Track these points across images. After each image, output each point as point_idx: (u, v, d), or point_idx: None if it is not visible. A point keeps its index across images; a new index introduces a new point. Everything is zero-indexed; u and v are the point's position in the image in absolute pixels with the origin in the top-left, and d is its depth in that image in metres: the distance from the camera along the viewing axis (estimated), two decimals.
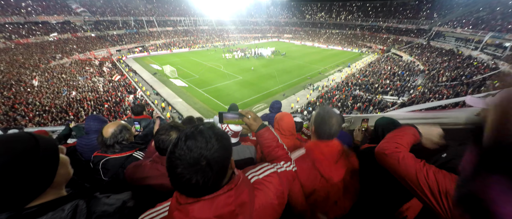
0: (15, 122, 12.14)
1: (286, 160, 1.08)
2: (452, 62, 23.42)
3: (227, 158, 0.68)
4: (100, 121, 2.18)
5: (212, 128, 0.68)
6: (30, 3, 34.12)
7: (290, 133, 1.71)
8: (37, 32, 31.44)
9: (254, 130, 1.14)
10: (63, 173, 0.69)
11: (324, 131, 1.20)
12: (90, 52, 32.68)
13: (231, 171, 0.74)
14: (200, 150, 0.61)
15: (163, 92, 20.85)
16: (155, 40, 45.36)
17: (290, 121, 1.70)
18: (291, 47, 48.93)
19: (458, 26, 32.26)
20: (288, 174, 1.01)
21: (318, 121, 1.23)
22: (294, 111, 17.32)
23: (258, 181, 0.87)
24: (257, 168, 0.94)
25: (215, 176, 0.63)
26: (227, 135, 0.72)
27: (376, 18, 53.18)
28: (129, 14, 46.26)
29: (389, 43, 43.14)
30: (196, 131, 0.65)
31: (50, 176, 0.64)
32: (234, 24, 64.06)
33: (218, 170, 0.64)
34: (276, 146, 1.13)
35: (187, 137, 0.63)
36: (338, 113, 1.25)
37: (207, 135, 0.64)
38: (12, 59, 23.34)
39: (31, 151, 0.59)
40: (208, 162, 0.61)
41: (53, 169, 0.64)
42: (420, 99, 15.84)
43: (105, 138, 1.51)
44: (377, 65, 30.47)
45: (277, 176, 0.92)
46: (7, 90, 16.40)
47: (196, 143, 0.62)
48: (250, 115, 1.13)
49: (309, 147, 1.29)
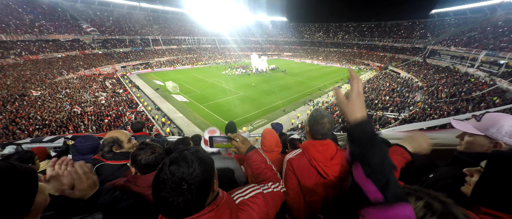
0: (14, 135, 12.07)
1: (274, 181, 1.12)
2: (449, 79, 23.79)
3: (209, 181, 0.72)
4: (92, 140, 2.12)
5: (195, 152, 0.73)
6: (43, 23, 36.11)
7: (271, 149, 1.83)
8: (47, 49, 32.78)
9: (243, 152, 1.20)
10: (39, 201, 0.69)
11: (317, 131, 1.27)
12: (96, 68, 33.71)
13: (215, 193, 0.78)
14: (182, 175, 0.66)
15: (164, 108, 20.99)
16: (160, 57, 47.02)
17: (272, 137, 1.82)
18: (291, 64, 50.34)
19: (452, 45, 33.40)
20: (274, 195, 1.04)
21: (311, 121, 1.30)
22: (294, 127, 17.21)
23: (243, 202, 0.90)
24: (243, 189, 0.98)
25: (196, 199, 0.67)
26: (210, 159, 0.76)
27: (371, 37, 55.48)
28: (136, 33, 48.60)
29: (386, 60, 44.38)
30: (180, 156, 0.70)
31: (26, 207, 0.63)
32: (236, 43, 66.84)
33: (199, 192, 0.68)
34: (264, 168, 1.17)
35: (171, 162, 0.68)
36: (330, 114, 1.32)
37: (189, 160, 0.69)
38: (20, 75, 24.01)
39: (7, 183, 0.59)
40: (189, 185, 0.65)
41: (30, 200, 0.64)
42: (421, 115, 15.78)
43: (103, 144, 1.65)
44: (375, 82, 30.97)
45: (262, 197, 0.95)
46: (10, 105, 16.58)
47: (179, 168, 0.67)
48: (238, 138, 1.20)
49: (305, 146, 1.34)
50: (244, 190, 0.97)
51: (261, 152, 1.24)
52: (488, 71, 22.53)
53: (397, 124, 15.31)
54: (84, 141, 2.06)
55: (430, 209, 0.55)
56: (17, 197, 0.59)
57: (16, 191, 0.59)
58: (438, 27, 44.24)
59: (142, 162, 1.16)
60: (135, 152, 1.20)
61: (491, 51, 25.41)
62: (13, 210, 0.58)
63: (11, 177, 0.60)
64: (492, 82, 19.33)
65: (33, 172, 0.68)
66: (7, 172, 0.61)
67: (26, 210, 0.62)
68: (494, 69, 22.61)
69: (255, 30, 77.31)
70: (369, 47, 54.04)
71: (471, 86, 19.55)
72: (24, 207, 0.61)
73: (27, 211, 0.62)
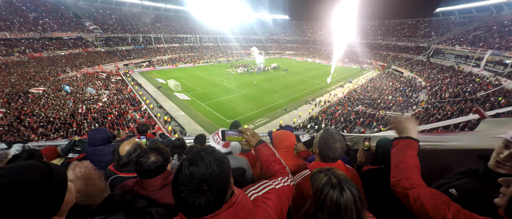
0: (18, 132, 12.22)
1: (283, 175, 1.14)
2: (453, 79, 23.50)
3: (227, 180, 0.74)
4: (104, 133, 2.29)
5: (212, 152, 0.74)
6: (47, 21, 36.31)
7: (285, 148, 1.75)
8: (50, 47, 32.99)
9: (253, 145, 1.26)
10: (68, 200, 0.70)
11: (328, 155, 1.25)
12: (99, 66, 33.90)
13: (231, 191, 0.80)
14: (202, 176, 0.67)
15: (166, 106, 21.07)
16: (162, 55, 47.10)
17: (284, 136, 1.75)
18: (293, 63, 50.14)
19: (457, 44, 32.93)
20: (285, 189, 1.06)
21: (321, 145, 1.27)
22: (296, 126, 17.18)
23: (258, 198, 0.92)
24: (256, 185, 1.01)
25: (216, 198, 0.69)
26: (227, 159, 0.77)
27: (375, 36, 54.91)
28: (138, 32, 48.67)
29: (389, 59, 43.94)
30: (198, 156, 0.72)
31: (56, 206, 0.64)
32: (238, 41, 66.61)
33: (219, 192, 0.70)
34: (273, 160, 1.21)
35: (190, 163, 0.70)
36: (342, 136, 1.29)
37: (207, 161, 0.70)
38: (24, 72, 24.24)
39: (43, 184, 0.60)
40: (209, 186, 0.67)
41: (60, 199, 0.66)
42: (424, 115, 15.65)
43: (120, 155, 1.58)
44: (378, 81, 30.73)
45: (275, 193, 0.98)
46: (14, 102, 16.77)
47: (198, 169, 0.68)
48: (248, 131, 1.26)
49: (314, 168, 1.29)
50: (258, 186, 1.00)
51: (270, 145, 1.27)
52: (494, 70, 22.21)
53: None
54: (96, 132, 2.21)
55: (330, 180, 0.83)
56: (50, 195, 0.61)
57: (49, 189, 0.61)
58: (443, 26, 43.59)
59: (142, 167, 1.14)
60: (140, 154, 1.19)
61: (497, 51, 25.00)
62: (46, 208, 0.59)
63: (46, 176, 0.61)
64: (497, 82, 19.05)
65: (63, 171, 0.70)
66: (42, 170, 0.62)
67: (57, 208, 0.63)
68: (499, 69, 22.27)
69: (257, 28, 76.92)
70: (372, 46, 53.54)
71: (476, 86, 19.30)
72: (55, 205, 0.63)
73: (57, 209, 0.63)
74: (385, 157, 1.54)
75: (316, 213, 0.82)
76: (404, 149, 1.06)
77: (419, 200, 0.89)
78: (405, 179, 0.99)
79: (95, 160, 2.13)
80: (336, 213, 0.77)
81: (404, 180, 0.98)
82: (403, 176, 1.00)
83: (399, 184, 1.00)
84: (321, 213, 0.80)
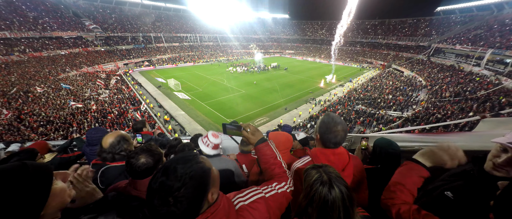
0: (18, 131, 12.23)
1: (281, 180, 1.05)
2: (454, 78, 23.45)
3: (198, 196, 0.70)
4: (102, 132, 2.24)
5: (190, 165, 0.69)
6: (47, 20, 36.25)
7: (284, 150, 1.70)
8: (50, 47, 32.97)
9: (253, 143, 1.14)
10: (54, 204, 0.65)
11: (330, 139, 1.18)
12: (99, 65, 33.88)
13: (213, 201, 0.75)
14: (169, 189, 0.64)
15: (166, 105, 21.07)
16: (162, 55, 47.04)
17: (285, 139, 1.70)
18: (293, 62, 50.05)
19: (457, 43, 32.83)
20: (279, 196, 0.97)
21: (322, 128, 1.20)
22: (296, 125, 17.18)
23: (243, 208, 0.85)
24: (244, 193, 0.93)
25: (184, 212, 0.65)
26: (205, 169, 0.73)
27: (375, 35, 54.75)
28: (138, 31, 48.58)
29: (390, 59, 43.84)
30: (171, 168, 0.68)
31: (36, 210, 0.59)
32: (238, 40, 66.47)
33: (187, 207, 0.66)
34: (273, 163, 1.11)
35: (163, 173, 0.67)
36: (343, 120, 1.22)
37: (180, 173, 0.66)
38: (24, 72, 24.24)
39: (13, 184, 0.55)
40: (175, 200, 0.64)
41: (41, 204, 0.60)
42: (424, 114, 15.62)
43: (103, 148, 1.52)
44: (378, 80, 30.67)
45: (264, 202, 0.90)
46: (14, 101, 16.78)
47: (167, 182, 0.65)
48: (249, 128, 1.14)
49: (315, 154, 1.24)
50: (245, 194, 0.92)
51: (272, 146, 1.17)
52: (494, 70, 22.15)
53: (400, 124, 15.19)
54: (95, 132, 2.18)
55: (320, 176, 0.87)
56: (23, 201, 0.54)
57: (23, 194, 0.54)
58: (444, 24, 43.43)
59: (132, 168, 1.12)
60: (130, 155, 1.15)
61: (498, 50, 24.91)
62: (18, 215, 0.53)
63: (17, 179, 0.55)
64: (498, 81, 19.00)
65: (45, 174, 0.63)
66: (13, 173, 0.56)
67: (34, 215, 0.57)
68: (500, 68, 22.21)
69: (257, 27, 76.72)
70: (373, 45, 53.39)
71: (476, 85, 19.25)
72: (32, 212, 0.57)
73: (35, 217, 0.58)
74: (382, 157, 1.54)
75: (306, 208, 0.86)
76: (411, 175, 1.04)
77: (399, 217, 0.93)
78: (397, 197, 1.00)
79: (92, 158, 2.09)
80: (324, 209, 0.81)
81: (394, 198, 1.00)
82: (396, 195, 1.00)
83: (388, 201, 1.02)
84: (310, 208, 0.84)
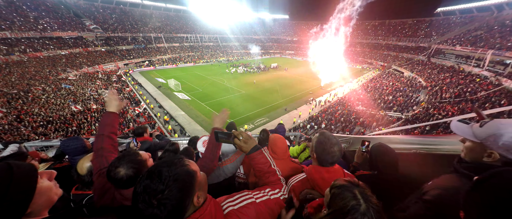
0: (18, 131, 12.22)
1: (274, 187, 1.05)
2: (454, 79, 23.44)
3: (183, 198, 0.70)
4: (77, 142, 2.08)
5: (173, 168, 0.70)
6: (47, 20, 36.31)
7: (283, 156, 1.70)
8: (50, 47, 33.01)
9: (245, 152, 1.12)
10: (41, 202, 0.67)
11: (327, 160, 1.21)
12: (99, 65, 33.90)
13: (199, 205, 0.76)
14: (153, 192, 0.66)
15: (166, 105, 21.07)
16: (162, 55, 47.08)
17: (283, 144, 1.70)
18: (293, 63, 50.06)
19: (457, 44, 32.83)
20: (270, 203, 0.96)
21: (319, 149, 1.22)
22: (296, 126, 17.16)
23: (233, 212, 0.84)
24: (234, 197, 0.92)
25: (167, 214, 0.66)
26: (191, 173, 0.73)
27: (375, 36, 54.78)
28: (138, 31, 48.65)
29: (390, 59, 43.84)
30: (156, 171, 0.69)
31: (22, 207, 0.61)
32: (238, 41, 66.56)
33: (171, 210, 0.67)
34: (267, 171, 1.11)
35: (147, 176, 0.69)
36: (338, 141, 1.23)
37: (164, 177, 0.68)
38: (24, 71, 24.24)
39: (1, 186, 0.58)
40: (159, 203, 0.65)
41: (26, 201, 0.62)
42: (424, 115, 15.61)
43: (81, 175, 1.37)
44: (378, 81, 30.66)
45: (253, 208, 0.89)
46: (14, 101, 16.78)
47: (151, 185, 0.67)
48: (242, 136, 1.10)
49: (310, 171, 1.27)
50: (235, 198, 0.92)
51: (266, 154, 1.16)
52: (494, 71, 22.14)
53: (400, 124, 15.18)
54: (69, 142, 2.04)
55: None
56: (8, 198, 0.57)
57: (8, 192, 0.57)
58: (444, 25, 43.45)
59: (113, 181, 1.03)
60: (109, 168, 1.06)
61: (498, 51, 24.92)
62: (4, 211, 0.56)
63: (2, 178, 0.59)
64: (498, 82, 19.00)
65: (30, 173, 0.66)
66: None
67: (20, 212, 0.60)
68: (500, 69, 22.21)
69: (257, 28, 76.86)
70: (373, 45, 53.39)
71: (476, 86, 19.24)
72: (18, 209, 0.59)
73: (21, 213, 0.60)
74: (378, 163, 1.53)
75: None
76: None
77: None
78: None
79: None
80: None
81: None
82: None
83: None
84: None
